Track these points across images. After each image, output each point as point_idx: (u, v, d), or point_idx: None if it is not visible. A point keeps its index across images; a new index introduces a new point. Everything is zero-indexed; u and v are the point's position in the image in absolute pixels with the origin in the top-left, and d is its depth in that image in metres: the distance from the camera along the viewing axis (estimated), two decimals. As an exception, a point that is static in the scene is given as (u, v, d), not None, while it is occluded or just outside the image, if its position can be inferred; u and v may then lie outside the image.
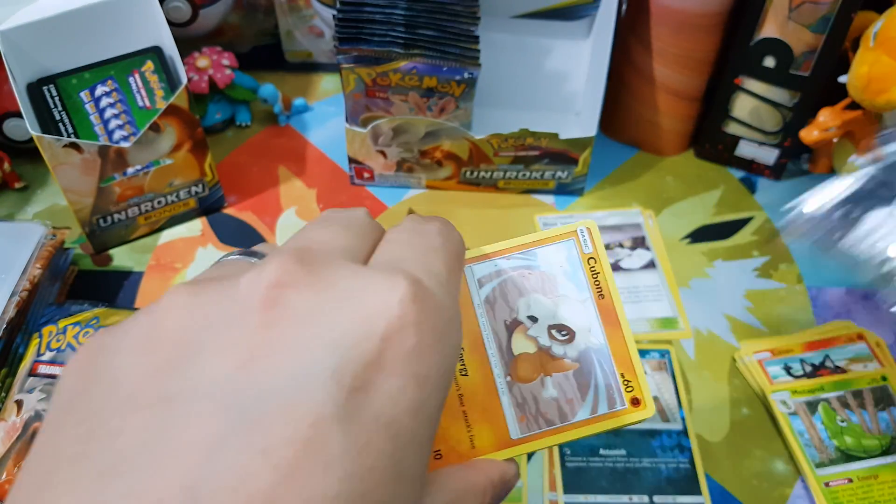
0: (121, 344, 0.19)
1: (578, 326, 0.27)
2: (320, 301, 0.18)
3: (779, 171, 0.60)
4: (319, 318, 0.18)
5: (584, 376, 0.27)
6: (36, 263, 0.48)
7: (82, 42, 0.52)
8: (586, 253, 0.28)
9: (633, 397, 0.27)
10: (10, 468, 0.40)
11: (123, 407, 0.17)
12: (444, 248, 0.22)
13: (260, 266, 0.19)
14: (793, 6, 0.52)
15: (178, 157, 0.52)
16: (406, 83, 0.52)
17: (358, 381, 0.17)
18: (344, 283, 0.19)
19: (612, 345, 0.27)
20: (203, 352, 0.18)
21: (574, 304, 0.28)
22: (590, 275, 0.28)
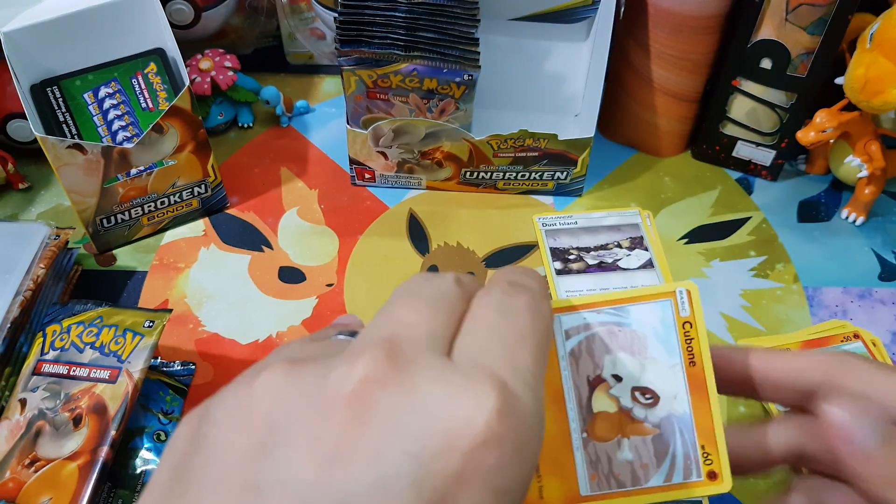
0: (219, 415, 0.20)
1: (664, 391, 0.27)
2: (405, 404, 0.19)
3: (775, 171, 0.61)
4: (403, 422, 0.18)
5: (662, 443, 0.26)
6: (40, 263, 0.48)
7: (86, 44, 0.52)
8: (683, 316, 0.27)
9: (710, 470, 0.26)
10: (14, 466, 0.40)
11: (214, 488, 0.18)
12: (534, 332, 0.22)
13: (351, 357, 0.20)
14: (790, 8, 0.52)
15: (181, 158, 0.53)
16: (406, 85, 0.53)
17: (437, 495, 0.18)
18: (430, 388, 0.19)
19: (697, 414, 0.26)
20: (290, 443, 0.18)
21: (662, 368, 0.27)
22: (683, 340, 0.27)
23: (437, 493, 0.18)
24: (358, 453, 0.18)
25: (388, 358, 0.19)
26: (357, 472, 0.18)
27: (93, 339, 0.44)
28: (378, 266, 0.55)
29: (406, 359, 0.20)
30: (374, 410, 0.18)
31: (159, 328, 0.45)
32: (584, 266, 0.55)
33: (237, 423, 0.19)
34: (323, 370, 0.20)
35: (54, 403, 0.42)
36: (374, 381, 0.19)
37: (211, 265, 0.55)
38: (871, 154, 0.54)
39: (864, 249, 0.57)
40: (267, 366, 0.20)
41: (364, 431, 0.18)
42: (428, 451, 0.18)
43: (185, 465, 0.20)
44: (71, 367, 0.43)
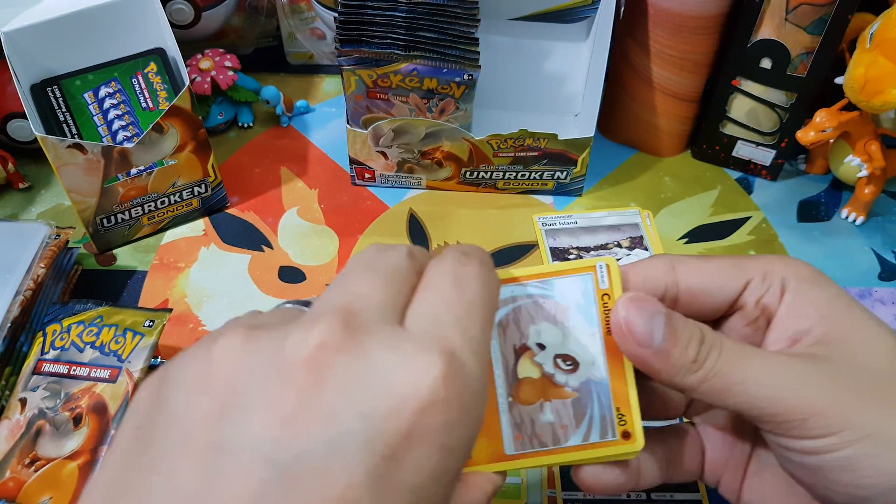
0: (180, 378, 0.21)
1: (583, 358, 0.29)
2: (358, 369, 0.20)
3: (775, 171, 0.61)
4: (357, 386, 0.20)
5: (581, 406, 0.29)
6: (40, 263, 0.48)
7: (86, 44, 0.52)
8: (602, 289, 0.29)
9: (624, 430, 0.28)
10: (14, 466, 0.40)
11: (179, 447, 0.20)
12: (483, 302, 0.24)
13: (307, 324, 0.21)
14: (790, 8, 0.52)
15: (181, 158, 0.53)
16: (406, 85, 0.53)
17: (388, 451, 0.19)
18: (381, 355, 0.21)
19: (613, 380, 0.28)
20: (250, 404, 0.20)
21: (583, 337, 0.29)
22: (602, 310, 0.29)
23: (387, 449, 0.19)
24: (314, 414, 0.19)
25: (343, 325, 0.21)
26: (314, 430, 0.19)
27: (93, 338, 0.44)
28: (378, 266, 0.55)
29: (360, 327, 0.21)
30: (329, 375, 0.20)
31: (159, 328, 0.45)
32: (583, 266, 0.55)
33: (198, 385, 0.21)
34: (280, 335, 0.21)
35: (54, 403, 0.42)
36: (330, 346, 0.20)
37: (211, 265, 0.55)
38: (870, 154, 0.54)
39: (864, 249, 0.57)
40: (224, 332, 0.22)
41: (320, 394, 0.20)
42: (379, 412, 0.20)
43: (147, 425, 0.21)
44: (71, 367, 0.44)
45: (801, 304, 0.28)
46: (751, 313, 0.29)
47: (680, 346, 0.27)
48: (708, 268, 0.30)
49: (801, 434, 0.26)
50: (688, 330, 0.27)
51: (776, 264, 0.29)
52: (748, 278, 0.29)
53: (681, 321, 0.27)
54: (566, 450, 0.28)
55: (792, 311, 0.28)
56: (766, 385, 0.26)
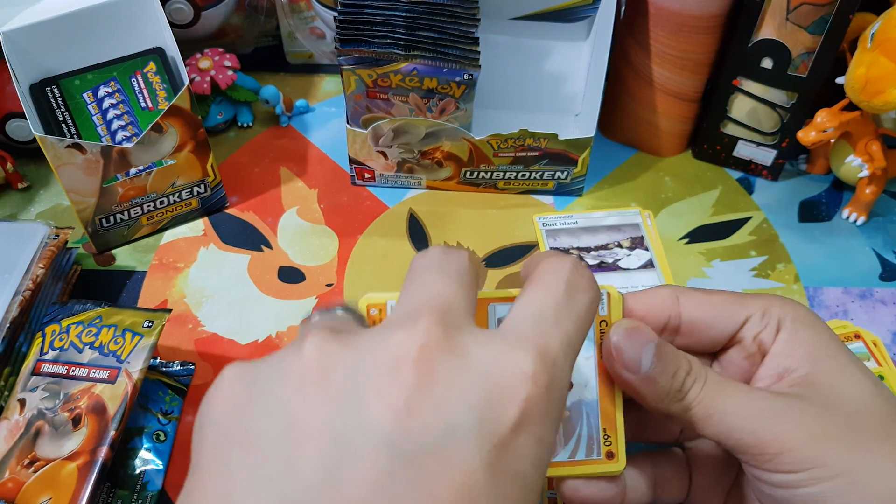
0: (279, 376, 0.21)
1: (577, 380, 0.30)
2: (462, 366, 0.22)
3: (776, 171, 0.61)
4: (462, 381, 0.21)
5: (571, 424, 0.30)
6: (39, 263, 0.48)
7: (85, 43, 0.52)
8: (601, 315, 0.30)
9: (608, 451, 0.30)
10: (13, 466, 0.40)
11: (295, 437, 0.20)
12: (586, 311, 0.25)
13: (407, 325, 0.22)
14: (791, 8, 0.52)
15: (181, 158, 0.53)
16: (406, 84, 0.53)
17: (496, 439, 0.21)
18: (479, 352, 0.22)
19: (603, 402, 0.30)
20: (361, 397, 0.21)
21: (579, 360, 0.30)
22: (598, 336, 0.30)
23: (496, 437, 0.21)
24: (427, 407, 0.20)
25: (441, 325, 0.22)
26: (429, 421, 0.20)
27: (92, 338, 0.44)
28: (378, 266, 0.55)
29: (454, 326, 0.22)
30: (435, 372, 0.21)
31: (158, 328, 0.45)
32: (584, 266, 0.55)
33: (301, 382, 0.21)
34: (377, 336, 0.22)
35: (53, 403, 0.42)
36: (433, 347, 0.21)
37: (210, 265, 0.55)
38: (871, 154, 0.54)
39: (865, 249, 0.57)
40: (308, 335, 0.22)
41: (429, 389, 0.21)
42: (488, 404, 0.21)
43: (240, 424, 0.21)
44: (70, 367, 0.43)
45: (792, 343, 0.30)
46: (748, 347, 0.31)
47: (666, 375, 0.29)
48: (711, 302, 0.31)
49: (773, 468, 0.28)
50: (676, 360, 0.29)
51: (775, 304, 0.31)
52: (748, 314, 0.31)
53: (670, 352, 0.29)
54: (553, 465, 0.30)
55: (783, 349, 0.30)
56: (744, 418, 0.28)
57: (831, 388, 0.28)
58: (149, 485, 0.43)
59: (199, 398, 0.50)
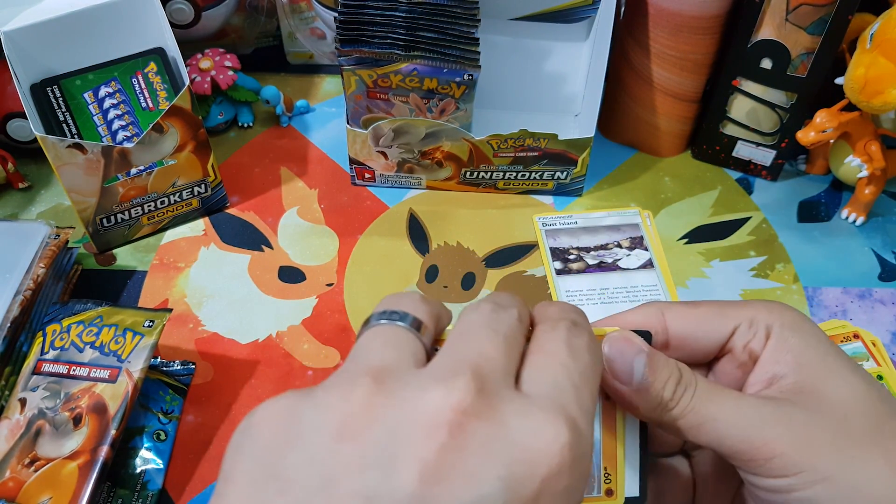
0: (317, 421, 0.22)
1: None
2: (495, 434, 0.21)
3: (775, 171, 0.61)
4: (495, 450, 0.21)
5: None
6: (40, 263, 0.48)
7: (86, 44, 0.52)
8: None
9: (608, 488, 0.31)
10: (14, 466, 0.40)
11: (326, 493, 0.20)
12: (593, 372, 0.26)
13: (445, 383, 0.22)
14: (790, 8, 0.52)
15: (181, 158, 0.53)
16: (407, 85, 0.53)
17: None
18: (514, 421, 0.22)
19: (605, 441, 0.31)
20: (395, 457, 0.21)
21: None
22: None
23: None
24: (457, 475, 0.20)
25: (479, 391, 0.22)
26: (458, 490, 0.20)
27: (93, 338, 0.44)
28: (378, 266, 0.55)
29: (492, 392, 0.22)
30: (469, 438, 0.21)
31: (159, 328, 0.45)
32: (584, 266, 0.55)
33: (340, 432, 0.21)
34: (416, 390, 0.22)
35: (54, 403, 0.42)
36: (470, 412, 0.22)
37: (211, 265, 0.55)
38: (871, 154, 0.54)
39: (864, 249, 0.57)
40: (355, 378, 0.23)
41: (462, 456, 0.21)
42: (515, 477, 0.21)
43: (279, 462, 0.21)
44: (71, 367, 0.43)
45: (780, 350, 0.30)
46: (739, 356, 0.31)
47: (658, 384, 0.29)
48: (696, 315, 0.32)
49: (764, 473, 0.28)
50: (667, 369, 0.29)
51: (762, 311, 0.31)
52: (735, 325, 0.31)
53: (661, 361, 0.29)
54: None
55: (771, 356, 0.30)
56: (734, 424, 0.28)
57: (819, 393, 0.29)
58: (149, 484, 0.43)
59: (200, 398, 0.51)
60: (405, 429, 0.21)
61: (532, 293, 0.53)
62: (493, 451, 0.21)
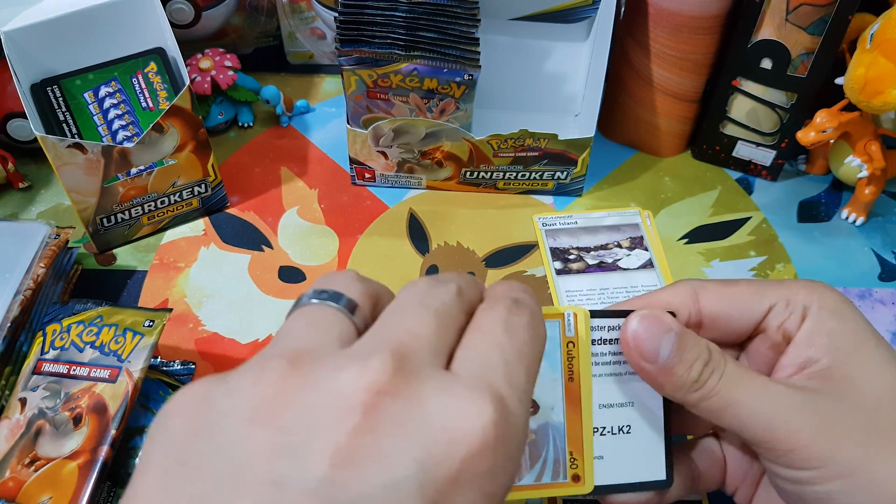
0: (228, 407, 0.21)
1: (544, 402, 0.30)
2: (413, 414, 0.21)
3: (776, 171, 0.61)
4: (411, 431, 0.20)
5: (537, 448, 0.30)
6: (40, 262, 0.48)
7: (86, 43, 0.52)
8: (568, 336, 0.30)
9: (574, 474, 0.30)
10: (14, 466, 0.40)
11: (234, 480, 0.20)
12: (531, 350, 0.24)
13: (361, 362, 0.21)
14: (790, 8, 0.52)
15: (182, 158, 0.53)
16: (407, 85, 0.53)
17: (438, 496, 0.20)
18: (435, 400, 0.21)
19: (570, 425, 0.30)
20: (307, 441, 0.20)
21: (546, 382, 0.30)
22: (565, 358, 0.30)
23: (438, 494, 0.20)
24: (371, 457, 0.20)
25: (397, 369, 0.21)
26: (370, 474, 0.19)
27: (93, 338, 0.44)
28: (378, 266, 0.55)
29: (413, 370, 0.21)
30: (384, 419, 0.20)
31: (159, 328, 0.45)
32: (584, 266, 0.55)
33: (251, 418, 0.21)
34: (332, 371, 0.21)
35: (54, 403, 0.42)
36: (385, 391, 0.21)
37: (211, 265, 0.55)
38: (871, 154, 0.54)
39: (864, 250, 0.57)
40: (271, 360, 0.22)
41: (377, 437, 0.20)
42: (432, 458, 0.20)
43: (191, 450, 0.21)
44: (71, 367, 0.43)
45: (816, 333, 0.29)
46: (773, 336, 0.30)
47: (684, 365, 0.28)
48: (731, 294, 0.31)
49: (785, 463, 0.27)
50: (695, 350, 0.28)
51: (801, 291, 0.30)
52: (771, 304, 0.30)
53: (691, 341, 0.28)
54: (518, 488, 0.30)
55: (806, 339, 0.29)
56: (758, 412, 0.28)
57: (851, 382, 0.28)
58: (149, 484, 0.43)
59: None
60: (318, 412, 0.20)
61: (532, 293, 0.53)
62: (409, 432, 0.20)
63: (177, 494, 0.20)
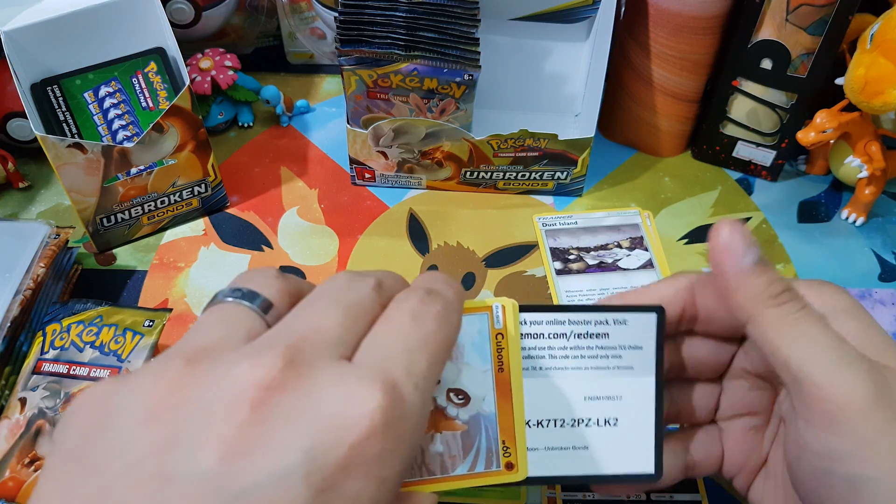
0: (125, 405, 0.22)
1: (475, 393, 0.30)
2: (301, 406, 0.21)
3: (776, 172, 0.61)
4: (299, 422, 0.21)
5: (470, 438, 0.30)
6: (40, 262, 0.48)
7: (86, 43, 0.52)
8: (497, 328, 0.30)
9: (508, 462, 0.30)
10: (14, 466, 0.40)
11: (127, 476, 0.20)
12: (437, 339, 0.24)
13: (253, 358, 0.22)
14: (790, 8, 0.52)
15: (182, 158, 0.53)
16: (407, 85, 0.53)
17: (326, 483, 0.20)
18: (325, 391, 0.21)
19: (501, 414, 0.30)
20: (197, 437, 0.20)
21: (475, 373, 0.30)
22: (494, 349, 0.30)
23: (325, 482, 0.20)
24: (258, 449, 0.20)
25: (289, 363, 0.22)
26: (257, 465, 0.20)
27: (93, 338, 0.44)
28: (378, 266, 0.55)
29: (306, 363, 0.22)
30: (273, 412, 0.21)
31: (159, 327, 0.45)
32: (584, 266, 0.55)
33: (146, 415, 0.21)
34: (225, 368, 0.22)
35: (54, 402, 0.42)
36: (274, 385, 0.21)
37: (211, 264, 0.55)
38: (871, 155, 0.54)
39: (864, 250, 0.57)
40: (168, 360, 0.22)
41: (264, 431, 0.20)
42: (320, 446, 0.20)
43: (89, 449, 0.21)
44: (71, 367, 0.43)
45: None
46: None
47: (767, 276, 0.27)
48: None
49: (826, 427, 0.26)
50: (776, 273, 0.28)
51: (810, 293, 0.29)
52: None
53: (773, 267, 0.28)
54: (453, 478, 0.30)
55: None
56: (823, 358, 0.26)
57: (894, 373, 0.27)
58: (149, 484, 0.43)
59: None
60: (209, 407, 0.21)
61: (532, 293, 0.53)
62: (297, 423, 0.21)
63: (73, 493, 0.20)
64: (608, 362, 0.31)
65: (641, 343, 0.31)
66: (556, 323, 0.31)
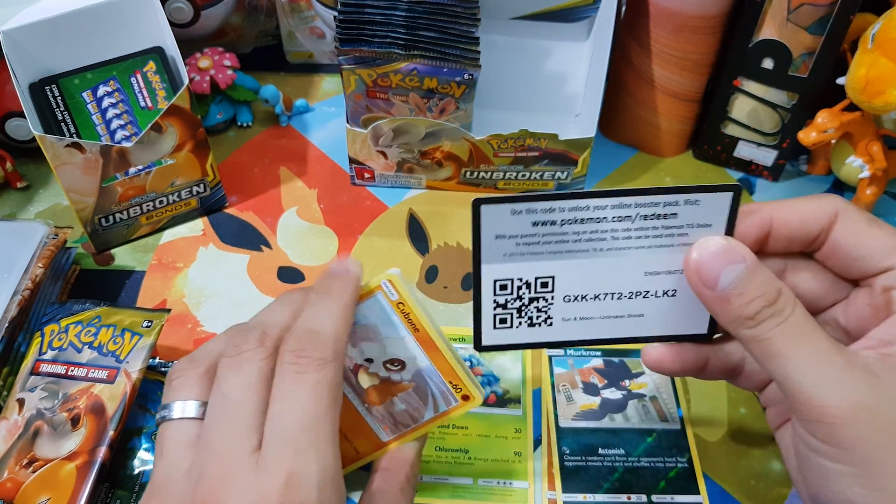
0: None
1: (406, 357, 0.35)
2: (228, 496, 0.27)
3: (777, 172, 0.61)
4: None
5: (421, 391, 0.35)
6: (38, 262, 0.48)
7: (85, 42, 0.52)
8: (394, 300, 0.34)
9: (463, 394, 0.35)
10: (12, 466, 0.40)
11: None
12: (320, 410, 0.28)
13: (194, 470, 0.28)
14: (791, 8, 0.52)
15: (180, 157, 0.53)
16: (406, 84, 0.53)
17: None
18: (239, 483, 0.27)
19: (437, 363, 0.35)
20: None
21: (397, 342, 0.34)
22: (402, 317, 0.34)
23: None
24: None
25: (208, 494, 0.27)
26: None
27: (91, 338, 0.44)
28: (378, 266, 0.55)
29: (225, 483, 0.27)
30: None
31: (158, 328, 0.45)
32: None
33: None
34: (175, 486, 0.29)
35: (52, 403, 0.42)
36: None
37: (210, 265, 0.55)
38: (872, 155, 0.54)
39: (866, 250, 0.57)
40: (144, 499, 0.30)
41: None
42: None
43: None
44: (69, 367, 0.43)
45: None
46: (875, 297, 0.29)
47: (743, 298, 0.28)
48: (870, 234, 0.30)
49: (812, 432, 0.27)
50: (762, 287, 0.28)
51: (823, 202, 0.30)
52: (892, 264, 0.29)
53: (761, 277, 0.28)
54: (425, 423, 0.36)
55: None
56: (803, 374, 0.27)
57: None
58: (148, 485, 0.43)
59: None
60: None
61: (532, 294, 0.53)
62: None
63: None
64: (672, 240, 0.31)
65: (711, 221, 0.31)
66: (622, 206, 0.31)
